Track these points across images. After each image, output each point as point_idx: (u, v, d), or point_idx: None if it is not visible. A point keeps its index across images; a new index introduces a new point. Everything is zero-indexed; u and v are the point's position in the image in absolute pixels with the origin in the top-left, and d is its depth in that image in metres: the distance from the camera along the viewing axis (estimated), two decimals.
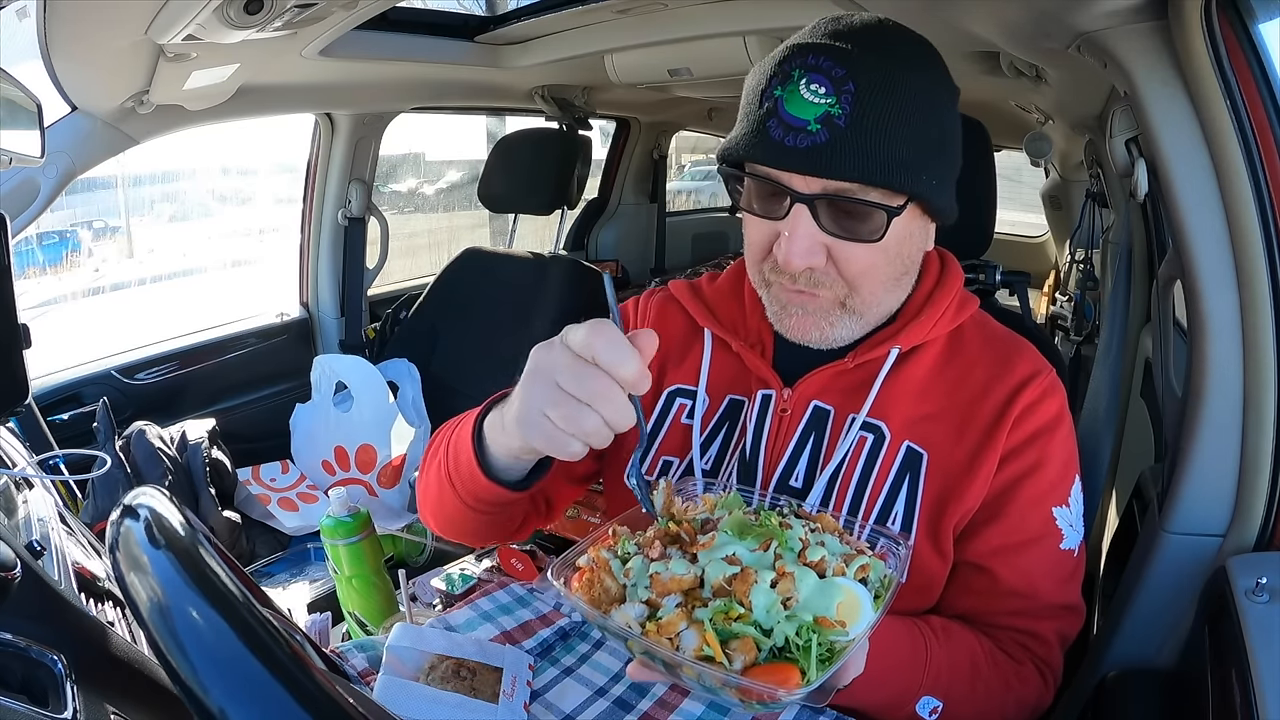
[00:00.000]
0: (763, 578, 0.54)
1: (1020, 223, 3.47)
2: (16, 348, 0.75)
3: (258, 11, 1.14)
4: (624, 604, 0.55)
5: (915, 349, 0.79)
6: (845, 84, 0.66)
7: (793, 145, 0.66)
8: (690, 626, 0.52)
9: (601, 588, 0.57)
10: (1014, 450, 0.76)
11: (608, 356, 0.55)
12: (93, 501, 1.54)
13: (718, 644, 0.51)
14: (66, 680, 0.51)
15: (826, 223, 0.69)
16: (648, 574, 0.56)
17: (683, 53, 1.78)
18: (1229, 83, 0.79)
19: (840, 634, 0.52)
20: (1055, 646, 0.78)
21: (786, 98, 0.67)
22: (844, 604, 0.54)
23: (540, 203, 2.15)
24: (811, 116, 0.66)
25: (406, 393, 2.01)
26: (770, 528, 0.58)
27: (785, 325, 0.78)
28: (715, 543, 0.57)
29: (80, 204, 4.40)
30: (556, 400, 0.57)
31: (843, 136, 0.66)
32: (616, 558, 0.59)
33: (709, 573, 0.55)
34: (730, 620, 0.52)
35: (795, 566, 0.55)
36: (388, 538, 1.61)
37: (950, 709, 0.70)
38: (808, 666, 0.50)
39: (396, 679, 0.69)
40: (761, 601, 0.52)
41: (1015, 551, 0.76)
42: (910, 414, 0.78)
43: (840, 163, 0.66)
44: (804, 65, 0.67)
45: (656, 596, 0.55)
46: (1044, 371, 0.79)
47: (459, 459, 0.73)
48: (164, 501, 0.49)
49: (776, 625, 0.51)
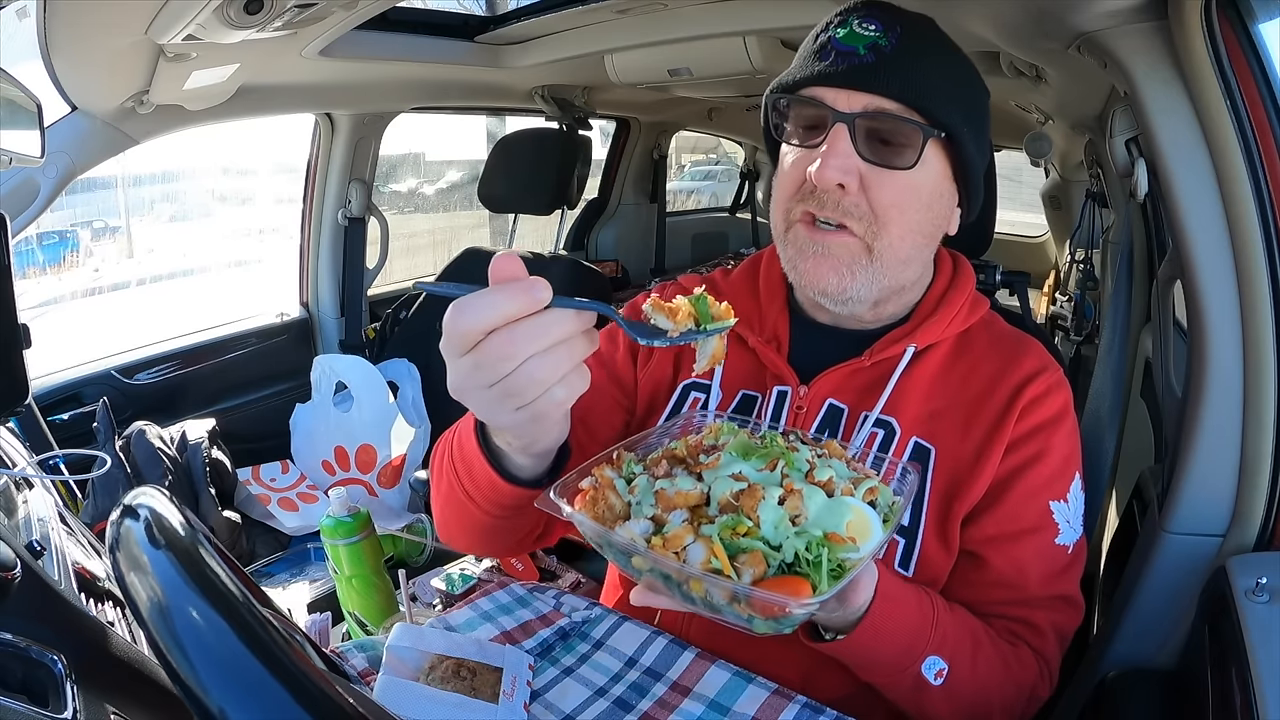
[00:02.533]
0: (770, 494, 0.53)
1: (1020, 223, 3.47)
2: (16, 348, 0.75)
3: (258, 11, 1.14)
4: (629, 520, 0.54)
5: (927, 348, 0.81)
6: (894, 25, 0.72)
7: (843, 66, 0.72)
8: (697, 540, 0.51)
9: (605, 505, 0.55)
10: (1018, 441, 0.77)
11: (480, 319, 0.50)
12: (93, 501, 1.54)
13: (726, 557, 0.50)
14: (66, 680, 0.51)
15: (863, 147, 0.72)
16: (653, 491, 0.55)
17: (683, 53, 1.78)
18: (1229, 83, 0.79)
19: (850, 549, 0.51)
20: (1050, 638, 0.78)
21: (839, 33, 0.73)
22: (853, 523, 0.53)
23: (540, 203, 2.15)
24: (861, 44, 0.72)
25: (406, 393, 2.01)
26: (777, 449, 0.58)
27: (802, 269, 0.77)
28: (720, 462, 0.57)
29: (80, 204, 4.41)
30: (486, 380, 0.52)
31: (888, 59, 0.71)
32: (620, 477, 0.58)
33: (715, 489, 0.54)
34: (738, 535, 0.51)
35: (803, 484, 0.54)
36: (388, 538, 1.60)
37: (954, 675, 0.70)
38: (819, 580, 0.49)
39: (396, 679, 0.69)
40: (769, 517, 0.52)
41: (1009, 540, 0.76)
42: (919, 411, 0.79)
43: (883, 80, 0.71)
44: (858, 12, 0.74)
45: (662, 512, 0.53)
46: (1050, 367, 0.80)
47: (472, 474, 0.69)
48: (164, 501, 0.49)
49: (785, 540, 0.50)
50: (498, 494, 0.68)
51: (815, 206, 0.74)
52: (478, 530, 0.77)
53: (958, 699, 0.71)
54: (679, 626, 0.79)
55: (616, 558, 0.55)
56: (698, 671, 0.73)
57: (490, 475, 0.67)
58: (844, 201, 0.73)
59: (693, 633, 0.78)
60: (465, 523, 0.77)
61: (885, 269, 0.76)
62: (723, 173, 5.79)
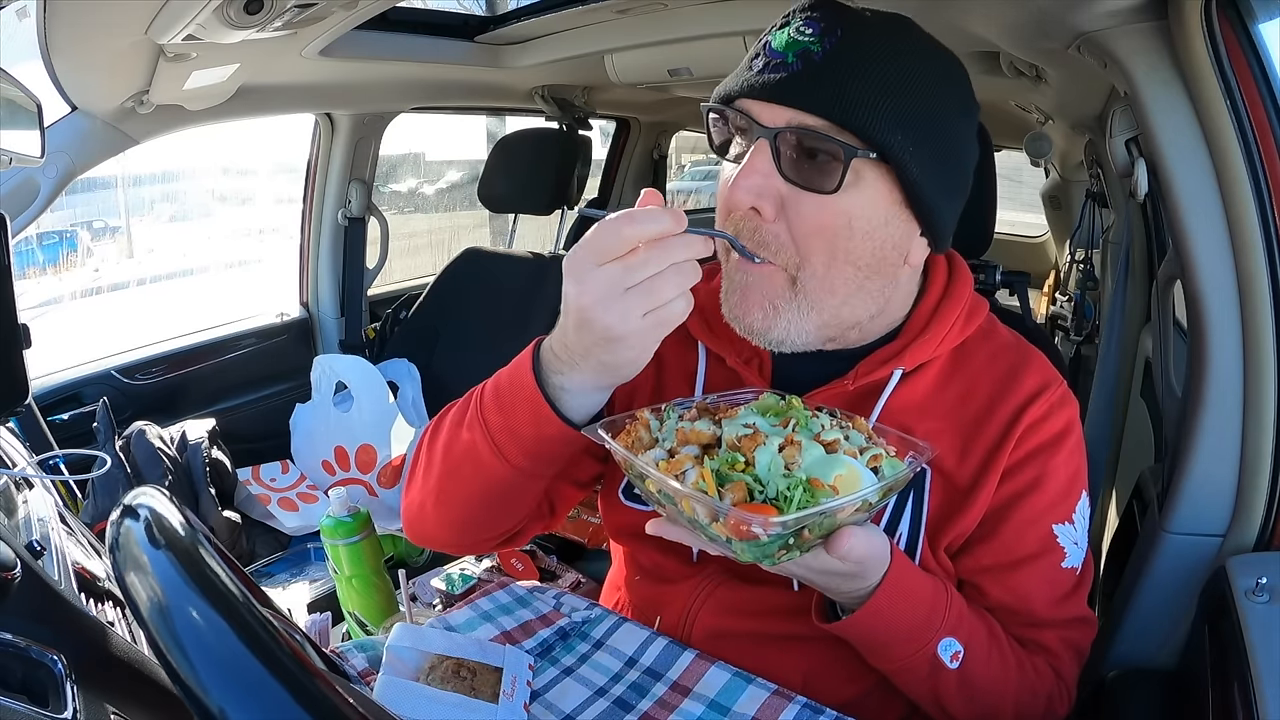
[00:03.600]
0: (771, 442, 0.58)
1: (1020, 223, 3.47)
2: (16, 348, 0.75)
3: (258, 11, 1.14)
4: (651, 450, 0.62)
5: (918, 367, 0.75)
6: (834, 29, 0.65)
7: (767, 76, 0.66)
8: (694, 467, 0.58)
9: (636, 437, 0.64)
10: (1015, 466, 0.73)
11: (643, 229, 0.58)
12: (93, 501, 1.54)
13: (713, 480, 0.56)
14: (66, 680, 0.51)
15: (786, 167, 0.65)
16: (675, 429, 0.63)
17: (683, 53, 1.78)
18: (1229, 83, 0.79)
19: (827, 495, 0.55)
20: (1065, 656, 0.76)
21: (775, 36, 0.67)
22: (843, 476, 0.57)
23: (540, 203, 2.15)
24: (791, 51, 0.65)
25: (406, 393, 2.01)
26: (795, 410, 0.64)
27: (729, 306, 0.72)
28: (739, 414, 0.63)
29: (80, 204, 4.41)
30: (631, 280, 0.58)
31: (815, 70, 0.64)
32: (656, 419, 0.65)
33: (727, 432, 0.60)
34: (733, 470, 0.57)
35: (805, 439, 0.59)
36: (388, 538, 1.60)
37: (970, 660, 0.68)
38: (786, 509, 0.54)
39: (396, 679, 0.69)
40: (764, 459, 0.57)
41: (1008, 570, 0.73)
42: (913, 432, 0.72)
43: (807, 92, 0.64)
44: (802, 11, 0.67)
45: (677, 445, 0.61)
46: (1053, 384, 0.75)
47: (511, 411, 0.69)
48: (164, 501, 0.49)
49: (772, 481, 0.56)
50: (541, 431, 0.67)
51: (737, 233, 0.68)
52: (474, 498, 0.75)
53: (974, 688, 0.69)
54: (679, 631, 0.79)
55: (639, 485, 0.63)
56: (698, 672, 0.73)
57: (543, 409, 0.66)
58: (762, 229, 0.67)
59: (693, 639, 0.78)
60: (466, 488, 0.75)
61: (813, 305, 0.69)
62: None
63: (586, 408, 0.68)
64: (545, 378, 0.67)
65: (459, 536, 0.82)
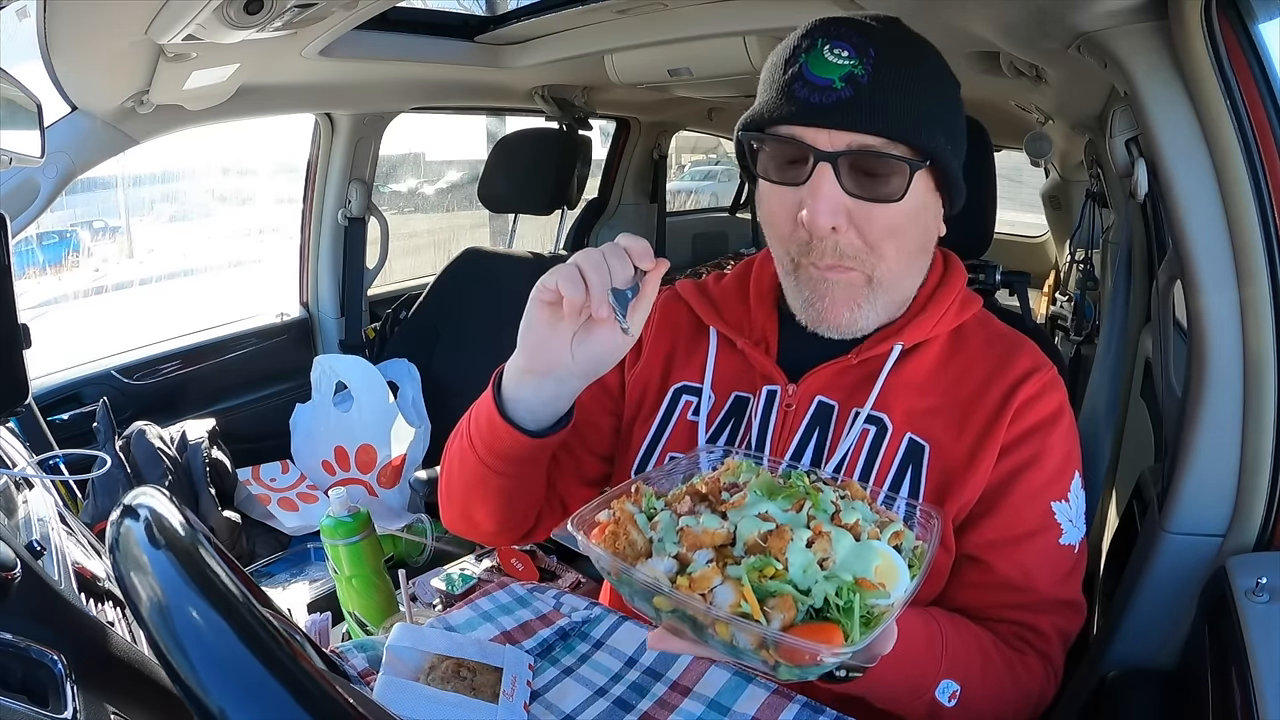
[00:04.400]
0: (798, 536, 0.51)
1: (1020, 223, 3.47)
2: (16, 348, 0.75)
3: (258, 11, 1.14)
4: (651, 558, 0.52)
5: (917, 346, 0.80)
6: (866, 49, 0.69)
7: (819, 102, 0.69)
8: (725, 582, 0.49)
9: (626, 540, 0.53)
10: (1012, 443, 0.77)
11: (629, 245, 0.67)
12: (93, 501, 1.54)
13: (755, 601, 0.48)
14: (66, 680, 0.51)
15: (848, 183, 0.70)
16: (676, 528, 0.54)
17: (683, 53, 1.78)
18: (1229, 83, 0.79)
19: (881, 595, 0.50)
20: (1055, 642, 0.78)
21: (811, 61, 0.70)
22: (881, 567, 0.52)
23: (540, 203, 2.15)
24: (836, 75, 0.69)
25: (406, 393, 2.01)
26: (802, 488, 0.57)
27: (816, 311, 0.78)
28: (746, 501, 0.55)
29: (80, 204, 4.41)
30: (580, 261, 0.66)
31: (867, 92, 0.69)
32: (641, 512, 0.56)
33: (742, 529, 0.52)
34: (765, 578, 0.49)
35: (831, 527, 0.53)
36: (388, 538, 1.60)
37: (966, 694, 0.70)
38: (850, 627, 0.48)
39: (396, 679, 0.69)
40: (798, 560, 0.50)
41: (1012, 544, 0.76)
42: (912, 408, 0.79)
43: (865, 116, 0.69)
44: (826, 35, 0.71)
45: (687, 551, 0.52)
46: (1044, 367, 0.80)
47: (479, 414, 0.77)
48: (164, 501, 0.49)
49: (815, 585, 0.49)
50: (495, 435, 0.74)
51: (817, 257, 0.74)
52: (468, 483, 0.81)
53: (970, 715, 0.72)
54: None
55: (635, 596, 0.54)
56: (697, 671, 0.73)
57: (493, 415, 0.74)
58: (840, 244, 0.73)
59: None
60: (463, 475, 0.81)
61: (886, 292, 0.78)
62: (723, 173, 5.80)
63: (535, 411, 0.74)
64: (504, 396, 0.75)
65: (475, 529, 0.87)
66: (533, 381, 0.73)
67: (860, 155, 0.70)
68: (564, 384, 0.73)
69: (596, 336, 0.70)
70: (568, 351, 0.70)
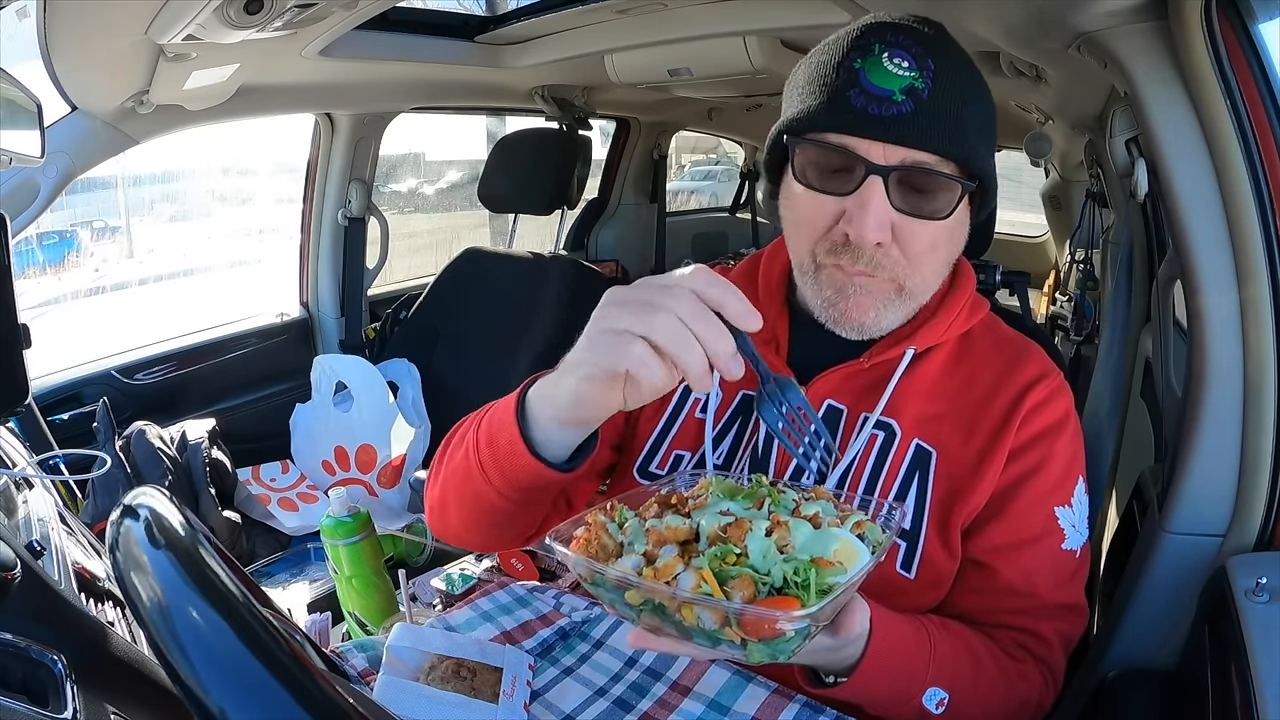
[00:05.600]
0: (758, 526, 0.54)
1: (1020, 223, 3.47)
2: (16, 348, 0.75)
3: (258, 11, 1.14)
4: (621, 557, 0.55)
5: (927, 351, 0.80)
6: (926, 60, 0.68)
7: (878, 114, 0.67)
8: (687, 569, 0.52)
9: (599, 545, 0.57)
10: (1019, 449, 0.76)
11: (724, 299, 0.57)
12: (93, 501, 1.54)
13: (715, 582, 0.51)
14: (66, 680, 0.51)
15: (896, 198, 0.69)
16: (644, 529, 0.57)
17: (683, 53, 1.78)
18: (1229, 83, 0.79)
19: (838, 572, 0.52)
20: (1057, 647, 0.78)
21: (869, 69, 0.67)
22: (840, 550, 0.53)
23: (540, 203, 2.15)
24: (896, 87, 0.67)
25: (406, 393, 2.01)
26: (762, 491, 0.59)
27: (839, 309, 0.76)
28: (708, 502, 0.58)
29: (80, 204, 4.40)
30: (665, 327, 0.55)
31: (927, 108, 0.67)
32: (613, 522, 0.59)
33: (704, 525, 0.55)
34: (727, 565, 0.52)
35: (790, 518, 0.55)
36: (388, 538, 1.61)
37: (955, 701, 0.70)
38: (807, 598, 0.50)
39: (396, 679, 0.70)
40: (757, 547, 0.53)
41: (1016, 550, 0.76)
42: (920, 413, 0.78)
43: (926, 133, 0.67)
44: (884, 41, 0.68)
45: (653, 548, 0.55)
46: (1051, 373, 0.80)
47: (496, 441, 0.70)
48: (164, 501, 0.49)
49: (774, 567, 0.52)
50: (517, 466, 0.68)
51: (848, 262, 0.72)
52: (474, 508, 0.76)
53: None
54: None
55: (611, 596, 0.56)
56: (697, 671, 0.73)
57: (516, 443, 0.67)
58: (877, 255, 0.71)
59: None
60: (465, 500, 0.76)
61: (914, 299, 0.77)
62: (723, 173, 5.80)
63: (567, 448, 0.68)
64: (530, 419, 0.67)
65: (475, 538, 0.84)
66: (573, 429, 0.67)
67: (913, 172, 0.68)
68: (604, 419, 0.67)
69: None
70: (621, 400, 0.63)
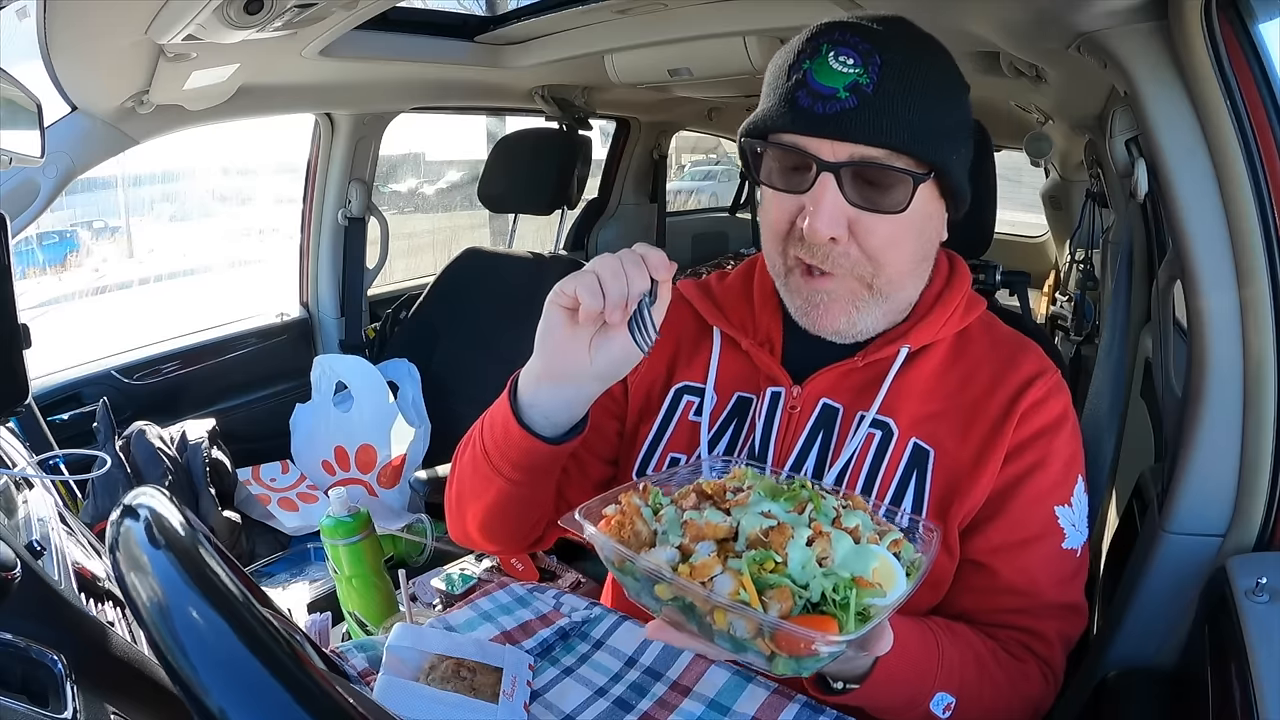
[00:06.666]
0: (799, 534, 0.53)
1: (1020, 223, 3.47)
2: (16, 348, 0.75)
3: (258, 11, 1.14)
4: (654, 548, 0.54)
5: (923, 349, 0.80)
6: (872, 56, 0.68)
7: (822, 112, 0.68)
8: (725, 571, 0.51)
9: (631, 530, 0.56)
10: (1017, 448, 0.76)
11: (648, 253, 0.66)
12: (93, 501, 1.54)
13: (754, 589, 0.50)
14: (66, 680, 0.51)
15: (851, 193, 0.70)
16: (681, 521, 0.56)
17: (683, 53, 1.78)
18: (1229, 83, 0.79)
19: (877, 594, 0.51)
20: (1057, 646, 0.78)
21: (815, 69, 0.69)
22: (878, 569, 0.53)
23: (540, 203, 2.15)
24: (840, 85, 0.68)
25: (406, 393, 2.01)
26: (805, 494, 0.59)
27: (812, 318, 0.78)
28: (749, 500, 0.57)
29: (80, 204, 4.40)
30: (606, 264, 0.66)
31: (871, 102, 0.67)
32: (648, 506, 0.59)
33: (744, 524, 0.54)
34: (765, 571, 0.51)
35: (831, 529, 0.55)
36: (388, 538, 1.60)
37: (962, 705, 0.70)
38: (846, 620, 0.49)
39: (396, 679, 0.70)
40: (798, 556, 0.52)
41: (1016, 549, 0.76)
42: (917, 412, 0.78)
43: (869, 127, 0.67)
44: (831, 40, 0.69)
45: (689, 542, 0.54)
46: (1049, 371, 0.79)
47: (494, 420, 0.76)
48: (164, 501, 0.49)
49: (813, 580, 0.51)
50: (511, 442, 0.74)
51: (806, 254, 0.73)
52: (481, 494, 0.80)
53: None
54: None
55: (637, 585, 0.55)
56: (697, 671, 0.73)
57: (509, 422, 0.73)
58: (834, 252, 0.72)
59: None
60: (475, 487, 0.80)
61: (885, 298, 0.77)
62: (723, 173, 5.80)
63: (551, 417, 0.73)
64: (520, 401, 0.74)
65: (486, 538, 0.87)
66: (550, 387, 0.72)
67: (863, 166, 0.69)
68: (582, 389, 0.72)
69: (614, 341, 0.69)
70: (586, 356, 0.69)
